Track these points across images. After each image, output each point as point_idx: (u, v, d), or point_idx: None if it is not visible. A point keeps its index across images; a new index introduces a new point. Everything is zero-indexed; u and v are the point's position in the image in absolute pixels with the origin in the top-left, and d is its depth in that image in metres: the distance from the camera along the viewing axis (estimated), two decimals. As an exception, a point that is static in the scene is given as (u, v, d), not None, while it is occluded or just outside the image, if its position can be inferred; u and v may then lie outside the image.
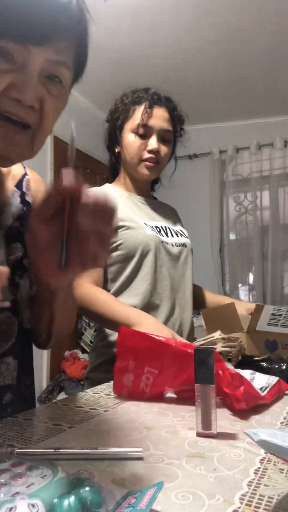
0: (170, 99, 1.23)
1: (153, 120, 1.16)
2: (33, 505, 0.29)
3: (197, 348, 0.56)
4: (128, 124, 1.18)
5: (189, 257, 1.25)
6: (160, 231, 1.20)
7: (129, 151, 1.18)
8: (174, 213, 1.39)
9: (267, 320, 0.99)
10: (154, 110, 1.16)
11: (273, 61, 3.00)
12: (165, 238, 1.19)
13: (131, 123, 1.17)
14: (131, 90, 1.22)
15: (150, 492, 0.34)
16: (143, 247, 1.12)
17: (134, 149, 1.17)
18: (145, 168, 1.18)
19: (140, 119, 1.15)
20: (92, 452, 0.47)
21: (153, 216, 1.25)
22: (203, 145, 3.85)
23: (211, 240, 3.93)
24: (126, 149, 1.19)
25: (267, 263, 3.79)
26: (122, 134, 1.20)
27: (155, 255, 1.14)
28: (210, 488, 0.39)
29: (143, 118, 1.15)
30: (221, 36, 2.74)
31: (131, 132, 1.17)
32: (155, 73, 3.08)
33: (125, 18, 2.56)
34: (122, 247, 1.12)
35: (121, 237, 1.12)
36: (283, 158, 3.80)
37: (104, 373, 1.11)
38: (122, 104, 1.21)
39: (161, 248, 1.16)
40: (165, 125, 1.18)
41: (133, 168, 1.20)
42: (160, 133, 1.17)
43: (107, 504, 0.33)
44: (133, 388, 0.73)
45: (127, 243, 1.12)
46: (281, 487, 0.39)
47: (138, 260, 1.13)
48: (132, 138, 1.17)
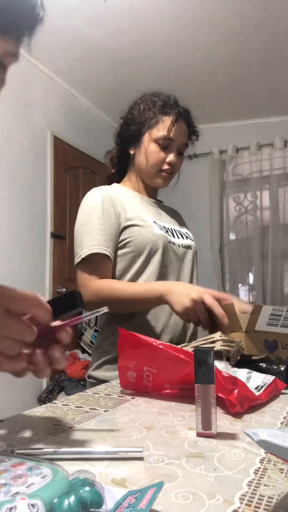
0: (189, 112, 1.25)
1: (176, 135, 1.19)
2: (33, 505, 0.29)
3: (196, 348, 0.56)
4: (153, 133, 1.18)
5: (194, 259, 1.27)
6: (167, 231, 1.21)
7: (149, 160, 1.20)
8: (179, 216, 1.41)
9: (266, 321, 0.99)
10: (178, 124, 1.19)
11: (273, 61, 3.00)
12: (172, 239, 1.20)
13: (156, 132, 1.18)
14: (160, 97, 1.22)
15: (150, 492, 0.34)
16: (151, 245, 1.13)
17: (155, 159, 1.19)
18: (161, 178, 1.22)
19: (167, 132, 1.17)
20: (92, 452, 0.47)
21: (161, 216, 1.26)
22: (203, 145, 3.83)
23: (211, 240, 3.93)
24: (146, 156, 1.20)
25: (267, 263, 3.79)
26: (143, 139, 1.20)
27: (163, 254, 1.15)
28: (210, 488, 0.39)
29: (169, 131, 1.17)
30: (221, 36, 2.74)
31: (154, 142, 1.19)
32: (155, 73, 3.08)
33: (125, 18, 2.56)
34: (130, 245, 1.13)
35: (130, 234, 1.13)
36: (283, 158, 3.80)
37: (108, 371, 1.11)
38: (150, 110, 1.20)
39: (169, 248, 1.17)
40: (185, 139, 1.23)
41: (149, 176, 1.22)
42: (179, 147, 1.21)
43: (107, 504, 0.33)
44: (136, 384, 0.77)
45: (136, 241, 1.12)
46: (281, 487, 0.39)
47: (146, 258, 1.13)
48: (154, 148, 1.19)
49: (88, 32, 2.68)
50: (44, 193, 3.07)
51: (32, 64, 2.98)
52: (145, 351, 0.75)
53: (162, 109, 1.19)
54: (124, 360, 0.78)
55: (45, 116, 3.11)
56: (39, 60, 3.00)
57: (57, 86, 3.26)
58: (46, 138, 3.11)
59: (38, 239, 2.99)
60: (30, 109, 2.94)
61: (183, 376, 0.71)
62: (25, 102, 2.91)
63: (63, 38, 2.74)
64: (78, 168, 3.49)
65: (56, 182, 3.17)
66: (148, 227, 1.14)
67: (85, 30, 2.66)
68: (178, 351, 0.72)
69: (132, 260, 1.14)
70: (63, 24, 2.60)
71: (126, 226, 1.13)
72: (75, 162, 3.44)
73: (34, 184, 2.94)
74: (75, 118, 3.45)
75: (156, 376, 0.75)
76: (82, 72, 3.15)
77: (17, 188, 2.79)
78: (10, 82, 0.57)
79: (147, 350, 0.74)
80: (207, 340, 0.88)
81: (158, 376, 0.75)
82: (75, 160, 3.43)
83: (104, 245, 1.08)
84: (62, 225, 3.22)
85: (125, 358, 0.78)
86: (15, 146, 2.77)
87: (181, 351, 0.72)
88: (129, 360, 0.77)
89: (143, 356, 0.75)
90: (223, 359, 0.83)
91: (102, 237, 1.08)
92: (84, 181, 3.53)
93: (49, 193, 3.10)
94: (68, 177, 3.35)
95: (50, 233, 3.10)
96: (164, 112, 1.19)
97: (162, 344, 0.73)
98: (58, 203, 3.19)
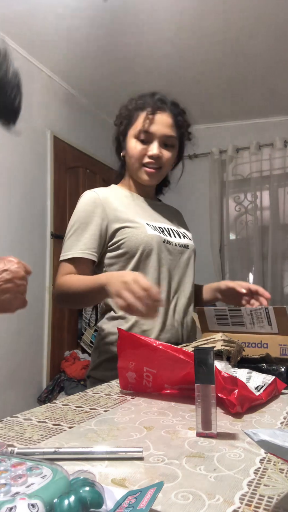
0: (176, 104, 1.23)
1: (154, 126, 1.17)
2: (33, 505, 0.29)
3: (196, 348, 0.56)
4: (131, 130, 1.19)
5: (191, 258, 1.26)
6: (163, 231, 1.20)
7: (130, 156, 1.20)
8: (178, 216, 1.40)
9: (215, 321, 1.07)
10: (156, 116, 1.17)
11: (273, 61, 3.00)
12: (167, 237, 1.20)
13: (134, 129, 1.19)
14: (137, 95, 1.23)
15: (150, 492, 0.34)
16: (144, 246, 1.13)
17: (135, 154, 1.19)
18: (145, 174, 1.20)
19: (142, 125, 1.17)
20: (92, 452, 0.47)
21: (156, 217, 1.25)
22: (203, 145, 3.85)
23: (211, 240, 3.93)
24: (128, 154, 1.21)
25: (267, 263, 3.79)
26: (126, 139, 1.22)
27: (158, 254, 1.15)
28: (210, 488, 0.39)
29: (144, 124, 1.16)
30: (222, 36, 2.74)
31: (133, 138, 1.19)
32: (155, 73, 3.08)
33: (125, 18, 2.56)
34: (124, 246, 1.13)
35: (122, 236, 1.13)
36: (283, 158, 3.80)
37: (106, 371, 1.11)
38: (126, 110, 1.22)
39: (163, 248, 1.17)
40: (168, 130, 1.18)
41: (136, 173, 1.22)
42: (162, 139, 1.18)
43: (107, 504, 0.33)
44: (136, 384, 0.77)
45: (128, 242, 1.13)
46: (281, 487, 0.39)
47: (139, 259, 1.13)
48: (134, 143, 1.19)
49: (88, 32, 2.68)
50: (44, 193, 3.07)
51: (32, 64, 2.98)
52: (144, 352, 0.74)
53: (137, 105, 1.20)
54: (124, 360, 0.78)
55: (45, 116, 3.11)
56: (39, 60, 3.00)
57: (57, 86, 3.26)
58: (46, 138, 3.11)
59: (38, 239, 2.99)
60: (30, 109, 2.94)
61: (183, 376, 0.71)
62: (25, 102, 2.90)
63: (63, 38, 2.74)
64: (78, 168, 3.49)
65: (56, 182, 3.17)
66: (140, 227, 1.15)
67: (85, 30, 2.66)
68: (178, 352, 0.72)
69: (126, 261, 1.14)
70: (63, 24, 2.60)
71: (118, 228, 1.14)
72: (75, 162, 3.44)
73: (34, 184, 2.94)
74: (75, 118, 3.45)
75: (156, 377, 0.75)
76: (82, 72, 3.15)
77: (17, 188, 2.79)
78: (10, 82, 0.58)
79: (146, 351, 0.74)
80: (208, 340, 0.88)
81: (158, 376, 0.75)
82: (75, 160, 3.43)
83: (83, 248, 1.12)
84: (62, 225, 3.22)
85: (124, 358, 0.78)
86: (15, 146, 2.77)
87: (181, 352, 0.71)
88: (129, 360, 0.77)
89: (143, 356, 0.75)
90: (224, 359, 0.83)
91: (81, 241, 1.13)
92: (84, 181, 3.53)
93: (49, 193, 3.10)
94: (68, 177, 3.35)
95: (50, 233, 3.10)
96: (138, 108, 1.19)
97: (161, 345, 0.73)
98: (58, 203, 3.19)
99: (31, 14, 2.50)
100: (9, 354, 2.67)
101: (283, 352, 0.95)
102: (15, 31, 2.66)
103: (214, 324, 1.07)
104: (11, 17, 2.53)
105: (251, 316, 1.02)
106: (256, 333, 1.01)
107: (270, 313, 0.99)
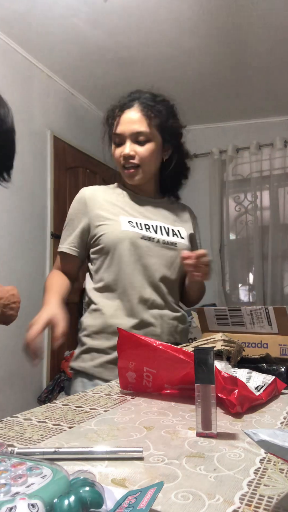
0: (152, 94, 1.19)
1: (121, 127, 1.16)
2: (33, 505, 0.29)
3: (196, 348, 0.56)
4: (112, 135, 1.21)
5: (177, 258, 1.20)
6: (148, 228, 1.18)
7: (114, 161, 1.23)
8: (182, 214, 1.34)
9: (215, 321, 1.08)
10: (123, 115, 1.17)
11: (273, 62, 3.00)
12: (149, 234, 1.17)
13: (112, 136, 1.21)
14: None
15: (150, 492, 0.34)
16: (117, 242, 1.14)
17: (115, 159, 1.21)
18: (126, 176, 1.21)
19: (114, 129, 1.18)
20: (92, 452, 0.47)
21: (147, 214, 1.23)
22: (203, 145, 3.85)
23: (211, 240, 3.93)
24: None
25: (267, 263, 3.79)
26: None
27: (130, 250, 1.14)
28: (210, 488, 0.39)
29: (115, 128, 1.18)
30: (222, 36, 2.74)
31: (112, 144, 1.21)
32: (155, 73, 3.08)
33: (125, 18, 2.56)
34: (101, 242, 1.17)
35: (100, 232, 1.17)
36: (283, 158, 3.80)
37: (83, 361, 1.15)
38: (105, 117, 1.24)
39: (140, 244, 1.15)
40: (135, 127, 1.15)
41: (122, 175, 1.23)
42: (132, 137, 1.16)
43: (107, 504, 0.33)
44: (136, 384, 0.77)
45: (104, 238, 1.16)
46: (281, 487, 0.39)
47: (113, 254, 1.15)
48: (113, 148, 1.21)
49: (88, 32, 2.68)
50: (44, 193, 3.07)
51: (32, 64, 2.98)
52: (144, 352, 0.74)
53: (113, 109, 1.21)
54: (124, 360, 0.78)
55: (45, 116, 3.10)
56: (39, 60, 2.99)
57: (57, 86, 3.26)
58: (46, 138, 3.10)
59: (38, 239, 2.99)
60: (30, 109, 2.94)
61: (183, 376, 0.71)
62: (25, 102, 2.91)
63: (63, 38, 2.74)
64: (78, 168, 3.49)
65: (56, 182, 3.17)
66: (115, 224, 1.16)
67: (85, 30, 2.66)
68: (178, 352, 0.72)
69: (104, 256, 1.17)
70: (63, 24, 2.60)
71: (98, 225, 1.18)
72: (75, 162, 3.43)
73: (34, 184, 2.94)
74: (75, 118, 3.45)
75: (156, 377, 0.75)
76: (82, 72, 3.15)
77: (17, 188, 2.79)
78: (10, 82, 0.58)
79: (146, 351, 0.74)
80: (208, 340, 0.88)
81: (158, 376, 0.75)
82: (75, 160, 3.43)
83: (68, 244, 1.22)
84: (62, 225, 3.20)
85: (124, 358, 0.78)
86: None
87: (181, 352, 0.71)
88: (129, 360, 0.77)
89: (143, 356, 0.75)
90: (224, 359, 0.83)
91: (69, 236, 1.22)
92: (84, 181, 3.53)
93: (49, 193, 3.10)
94: (68, 177, 3.35)
95: (50, 233, 3.10)
96: (110, 116, 1.21)
97: (161, 345, 0.73)
98: (58, 203, 3.18)
99: (31, 14, 2.50)
100: (9, 354, 2.67)
101: (283, 352, 0.95)
102: (15, 31, 2.66)
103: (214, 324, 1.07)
104: (11, 17, 2.53)
105: (251, 316, 1.02)
106: (256, 333, 1.01)
107: (270, 313, 0.99)
